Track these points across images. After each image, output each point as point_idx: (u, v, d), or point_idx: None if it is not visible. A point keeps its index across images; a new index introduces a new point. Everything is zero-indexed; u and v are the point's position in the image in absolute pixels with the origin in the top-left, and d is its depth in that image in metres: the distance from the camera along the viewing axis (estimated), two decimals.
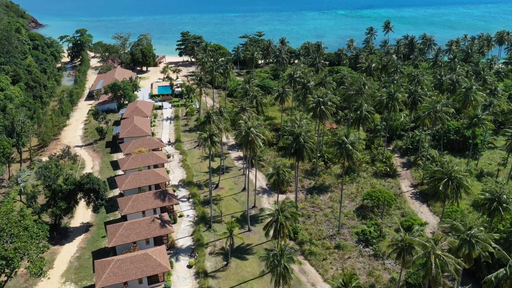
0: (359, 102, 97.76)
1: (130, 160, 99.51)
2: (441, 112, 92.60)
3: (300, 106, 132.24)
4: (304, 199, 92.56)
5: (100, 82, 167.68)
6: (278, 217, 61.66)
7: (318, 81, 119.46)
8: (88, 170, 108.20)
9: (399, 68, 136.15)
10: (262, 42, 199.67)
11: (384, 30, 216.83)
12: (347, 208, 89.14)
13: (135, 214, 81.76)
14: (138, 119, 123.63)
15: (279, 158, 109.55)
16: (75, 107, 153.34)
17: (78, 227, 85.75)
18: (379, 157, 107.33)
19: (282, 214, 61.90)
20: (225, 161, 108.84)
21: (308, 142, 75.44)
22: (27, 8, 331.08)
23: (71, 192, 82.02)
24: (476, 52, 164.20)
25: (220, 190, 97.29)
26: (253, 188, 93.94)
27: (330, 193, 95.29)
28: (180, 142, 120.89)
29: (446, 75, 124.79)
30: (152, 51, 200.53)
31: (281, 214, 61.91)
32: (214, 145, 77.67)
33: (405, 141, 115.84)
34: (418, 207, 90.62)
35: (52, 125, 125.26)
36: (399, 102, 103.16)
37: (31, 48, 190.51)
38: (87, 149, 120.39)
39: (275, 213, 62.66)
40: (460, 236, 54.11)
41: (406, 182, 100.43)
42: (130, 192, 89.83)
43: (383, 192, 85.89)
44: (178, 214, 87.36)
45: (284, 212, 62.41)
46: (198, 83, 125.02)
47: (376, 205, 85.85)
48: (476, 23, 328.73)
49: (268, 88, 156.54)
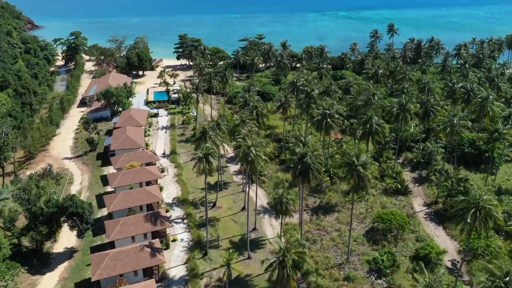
0: (368, 115, 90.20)
1: (121, 176, 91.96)
2: (459, 126, 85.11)
3: (303, 114, 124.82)
4: (309, 221, 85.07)
5: (93, 87, 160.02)
6: (284, 258, 53.97)
7: (323, 90, 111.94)
8: (77, 185, 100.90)
9: (407, 74, 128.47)
10: (262, 45, 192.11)
11: (389, 33, 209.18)
12: (356, 231, 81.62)
13: (123, 240, 74.29)
14: (131, 129, 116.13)
15: (280, 172, 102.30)
16: (67, 114, 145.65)
17: (62, 252, 78.16)
18: (389, 171, 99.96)
19: (289, 255, 54.12)
20: (223, 176, 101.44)
21: (315, 163, 67.88)
22: (24, 9, 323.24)
23: (53, 215, 74.62)
24: (486, 57, 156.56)
25: (218, 210, 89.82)
26: (253, 207, 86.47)
27: (337, 213, 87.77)
28: (176, 154, 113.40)
29: (459, 82, 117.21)
30: (148, 54, 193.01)
31: (287, 255, 54.16)
32: (210, 165, 70.15)
33: (416, 153, 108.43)
34: (433, 229, 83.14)
35: (39, 135, 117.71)
36: (411, 114, 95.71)
37: (22, 52, 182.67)
38: (77, 162, 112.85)
39: (280, 253, 54.96)
40: (495, 284, 46.58)
41: (419, 200, 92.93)
42: (119, 213, 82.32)
43: (395, 215, 78.30)
44: (171, 238, 79.87)
45: (290, 252, 54.70)
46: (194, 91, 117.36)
47: (388, 229, 78.33)
48: (480, 25, 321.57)
49: (269, 95, 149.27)
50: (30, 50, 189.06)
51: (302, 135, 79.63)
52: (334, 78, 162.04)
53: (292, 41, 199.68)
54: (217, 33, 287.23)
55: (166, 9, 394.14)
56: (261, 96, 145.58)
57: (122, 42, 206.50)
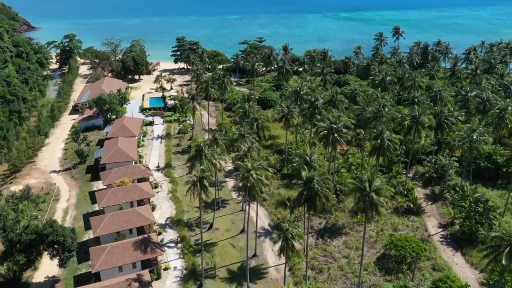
0: (378, 129, 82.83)
1: (110, 195, 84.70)
2: (479, 142, 77.88)
3: (306, 123, 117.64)
4: (314, 245, 77.78)
5: (86, 93, 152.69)
6: None
7: (328, 99, 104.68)
8: (63, 202, 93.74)
9: (417, 82, 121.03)
10: (263, 49, 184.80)
11: (394, 36, 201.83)
12: (367, 257, 74.29)
13: (109, 271, 67.08)
14: (123, 140, 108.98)
15: (283, 189, 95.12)
16: (57, 122, 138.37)
17: (42, 282, 70.84)
18: (400, 188, 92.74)
19: None
20: (220, 192, 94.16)
21: (323, 188, 60.55)
22: (21, 10, 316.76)
23: (32, 243, 67.40)
24: (497, 62, 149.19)
25: (215, 232, 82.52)
26: (253, 228, 79.36)
27: (345, 236, 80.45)
28: (171, 168, 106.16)
29: (472, 90, 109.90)
30: (145, 58, 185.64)
31: None
32: (206, 190, 62.84)
33: (428, 167, 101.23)
34: (451, 255, 75.83)
35: (26, 147, 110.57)
36: (424, 127, 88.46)
37: (13, 56, 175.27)
38: (65, 175, 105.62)
39: None
40: None
41: (433, 221, 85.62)
42: (106, 238, 75.19)
43: (410, 241, 70.91)
44: (163, 266, 72.53)
45: None
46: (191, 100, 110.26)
47: (403, 257, 71.06)
48: (484, 26, 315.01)
49: (269, 102, 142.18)
50: (22, 53, 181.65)
51: (307, 153, 72.07)
52: (337, 83, 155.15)
53: (293, 43, 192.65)
54: (217, 34, 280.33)
55: (164, 10, 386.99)
56: (261, 103, 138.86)
57: (117, 46, 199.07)
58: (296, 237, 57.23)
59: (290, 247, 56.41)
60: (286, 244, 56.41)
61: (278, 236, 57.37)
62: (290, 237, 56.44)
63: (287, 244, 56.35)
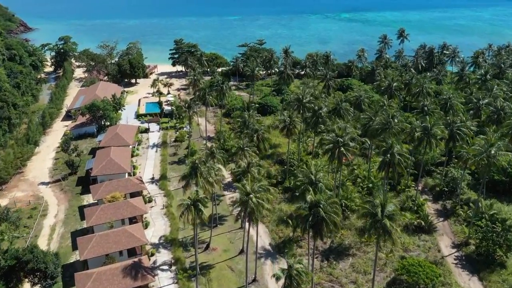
0: (388, 143, 77.01)
1: (99, 212, 79.02)
2: (497, 158, 72.19)
3: (308, 131, 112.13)
4: (318, 268, 72.08)
5: (80, 98, 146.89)
6: None
7: (332, 107, 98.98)
8: (51, 218, 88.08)
9: (425, 88, 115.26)
10: (263, 52, 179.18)
11: (399, 38, 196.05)
12: (376, 283, 67.95)
13: None
14: (116, 150, 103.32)
15: (284, 204, 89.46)
16: (49, 129, 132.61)
17: None
18: (409, 203, 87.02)
19: None
20: (218, 207, 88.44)
21: (330, 214, 54.88)
22: (18, 11, 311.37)
23: (12, 269, 61.75)
24: (507, 66, 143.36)
25: (212, 252, 76.76)
26: (253, 248, 73.67)
27: (352, 257, 74.76)
28: (166, 180, 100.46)
29: (484, 98, 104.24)
30: (142, 61, 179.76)
31: None
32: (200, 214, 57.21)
33: (438, 180, 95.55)
34: (467, 280, 70.12)
35: (14, 157, 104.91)
36: (436, 139, 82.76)
37: (6, 59, 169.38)
38: (54, 188, 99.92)
39: None
40: None
41: (446, 240, 79.88)
42: (94, 261, 69.54)
43: (424, 266, 65.30)
44: None
45: None
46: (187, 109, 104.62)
47: (416, 284, 65.32)
48: (487, 28, 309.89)
49: (270, 107, 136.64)
50: (15, 56, 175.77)
51: (312, 172, 66.37)
52: (340, 87, 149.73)
53: (293, 45, 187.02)
54: (216, 36, 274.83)
55: (163, 11, 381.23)
56: (261, 108, 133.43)
57: (113, 48, 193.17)
58: (303, 274, 51.07)
59: (295, 286, 50.50)
60: (290, 283, 50.54)
61: (282, 272, 51.63)
62: (295, 274, 50.58)
63: (291, 282, 50.48)
